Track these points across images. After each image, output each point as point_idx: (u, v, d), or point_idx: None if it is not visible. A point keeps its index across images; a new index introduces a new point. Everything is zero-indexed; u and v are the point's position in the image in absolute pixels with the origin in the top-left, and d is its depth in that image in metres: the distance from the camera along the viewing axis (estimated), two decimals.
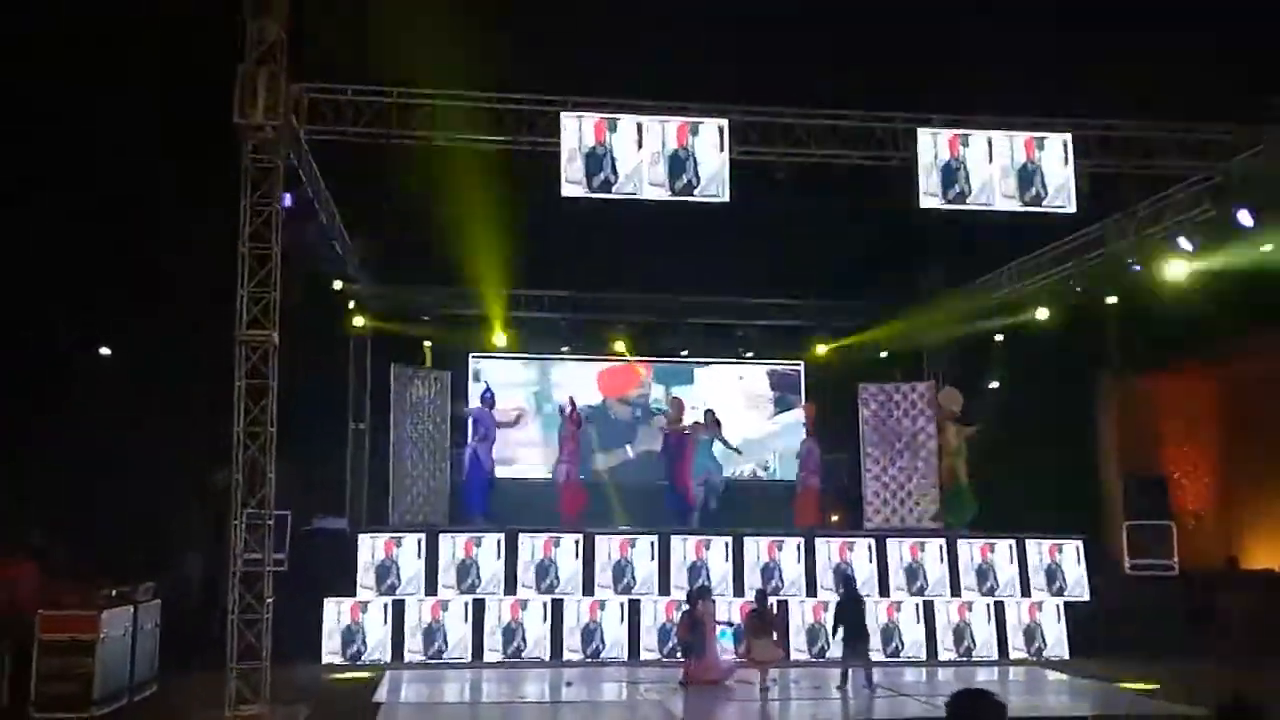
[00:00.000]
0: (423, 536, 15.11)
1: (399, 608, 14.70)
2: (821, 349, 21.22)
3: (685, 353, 21.03)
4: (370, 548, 14.88)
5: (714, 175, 11.42)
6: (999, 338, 19.34)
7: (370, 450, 18.79)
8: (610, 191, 11.28)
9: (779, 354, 21.55)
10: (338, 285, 16.91)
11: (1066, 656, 15.41)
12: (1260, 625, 15.56)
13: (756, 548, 15.47)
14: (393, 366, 18.41)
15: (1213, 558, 18.20)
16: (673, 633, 14.05)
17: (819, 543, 15.72)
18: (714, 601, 13.49)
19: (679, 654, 13.31)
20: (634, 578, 15.13)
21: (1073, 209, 11.83)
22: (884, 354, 21.16)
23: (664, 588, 15.10)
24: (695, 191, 11.36)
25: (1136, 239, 14.10)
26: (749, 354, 21.21)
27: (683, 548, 15.36)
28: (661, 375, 21.60)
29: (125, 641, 11.21)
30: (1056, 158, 11.67)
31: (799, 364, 21.83)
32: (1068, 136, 11.76)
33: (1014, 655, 15.41)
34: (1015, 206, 11.65)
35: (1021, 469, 18.44)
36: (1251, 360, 18.71)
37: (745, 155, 11.67)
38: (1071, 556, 15.94)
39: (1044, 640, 15.56)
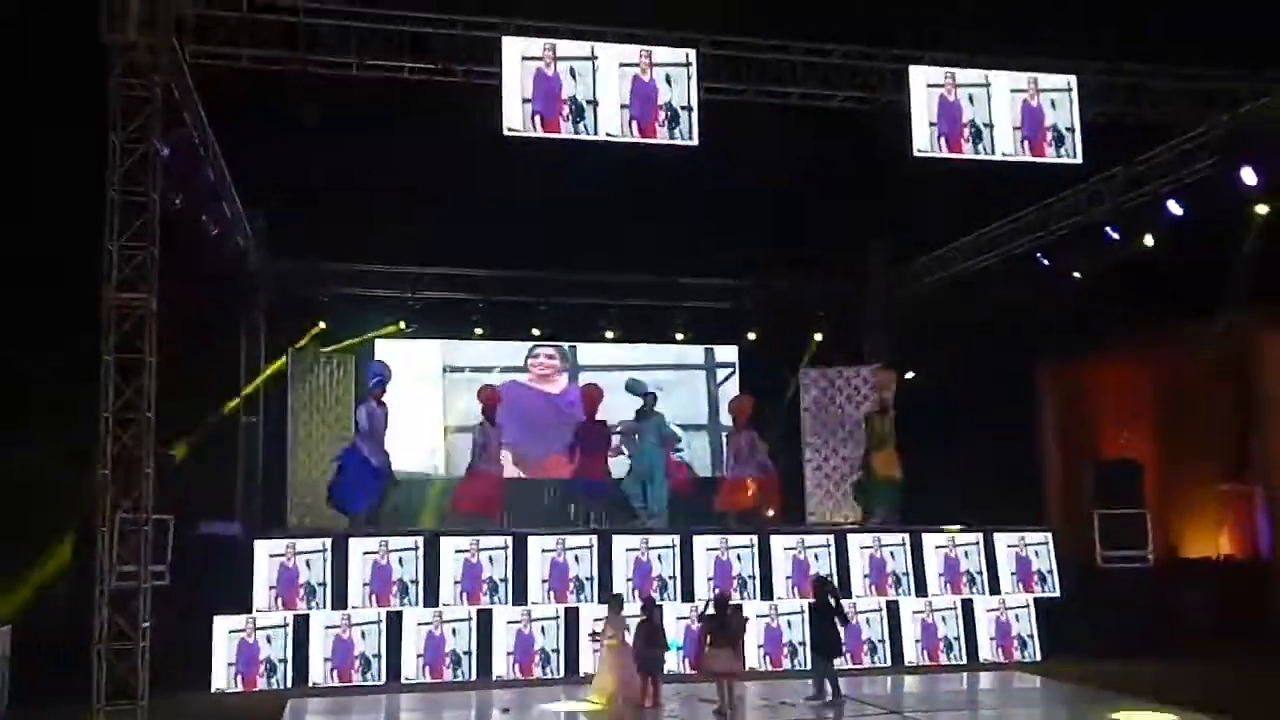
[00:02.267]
0: (328, 541, 13.14)
1: (302, 624, 12.73)
2: (751, 335, 19.78)
3: (610, 336, 19.38)
4: (268, 556, 12.85)
5: (680, 115, 9.79)
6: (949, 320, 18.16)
7: (264, 446, 16.72)
8: (560, 131, 9.55)
9: (712, 338, 20.10)
10: (224, 253, 14.80)
11: (1039, 658, 14.19)
12: (1220, 618, 14.73)
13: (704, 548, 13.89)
14: (290, 351, 16.43)
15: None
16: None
17: (774, 541, 14.18)
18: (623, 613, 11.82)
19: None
20: (576, 584, 13.41)
21: (1079, 159, 10.55)
22: (818, 337, 19.81)
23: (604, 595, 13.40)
24: (659, 134, 9.72)
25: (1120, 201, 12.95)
26: (680, 338, 19.65)
27: (625, 549, 13.68)
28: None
29: None
30: (1063, 102, 10.34)
31: (732, 348, 20.37)
32: (1073, 79, 10.45)
33: (984, 658, 14.14)
34: (1017, 156, 10.27)
35: (958, 458, 17.32)
36: (1189, 347, 17.98)
37: (713, 94, 10.05)
38: (1040, 549, 14.74)
39: (1018, 640, 14.31)
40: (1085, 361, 19.52)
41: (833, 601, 11.74)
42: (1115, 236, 13.60)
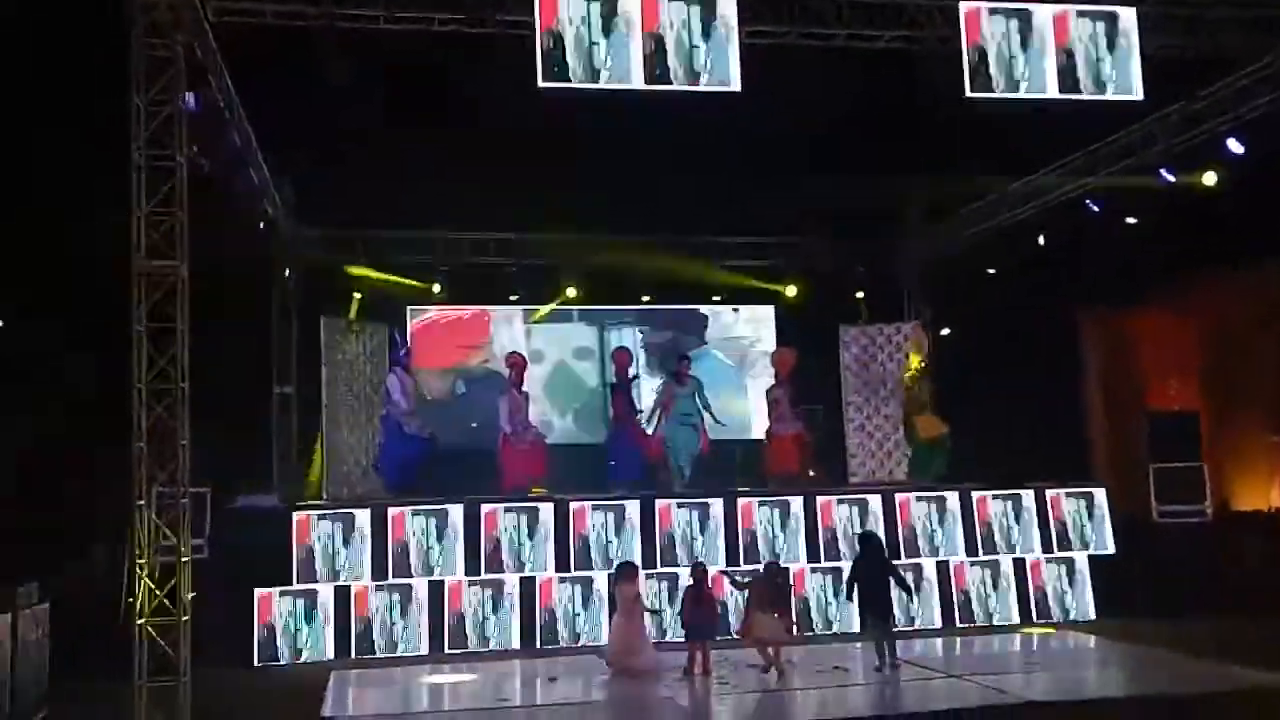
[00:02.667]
0: (367, 512, 12.92)
1: (344, 596, 12.55)
2: (792, 290, 19.32)
3: (647, 299, 19.04)
4: (307, 528, 12.65)
5: (720, 61, 9.38)
6: (991, 271, 17.69)
7: (299, 416, 16.53)
8: (598, 81, 9.16)
9: (745, 297, 19.69)
10: (259, 223, 14.54)
11: (1093, 617, 13.84)
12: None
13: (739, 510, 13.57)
14: (322, 320, 16.20)
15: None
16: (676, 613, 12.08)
17: (820, 502, 13.84)
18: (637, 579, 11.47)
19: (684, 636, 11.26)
20: (615, 552, 13.14)
21: (1139, 96, 10.04)
22: (860, 294, 19.35)
23: (649, 560, 13.15)
24: (701, 81, 9.31)
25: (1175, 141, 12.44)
26: (717, 298, 19.27)
27: (664, 514, 13.38)
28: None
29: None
30: (1123, 36, 9.84)
31: (769, 308, 19.95)
32: (1132, 11, 9.94)
33: (1036, 617, 13.80)
34: (1075, 94, 9.79)
35: (1001, 413, 16.90)
36: (1240, 293, 17.42)
37: (755, 38, 9.63)
38: (1094, 505, 14.33)
39: (1071, 600, 13.95)
40: (1131, 311, 19.05)
41: (881, 559, 11.38)
42: (1170, 179, 13.07)
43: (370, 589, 12.59)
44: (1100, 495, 14.39)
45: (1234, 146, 12.02)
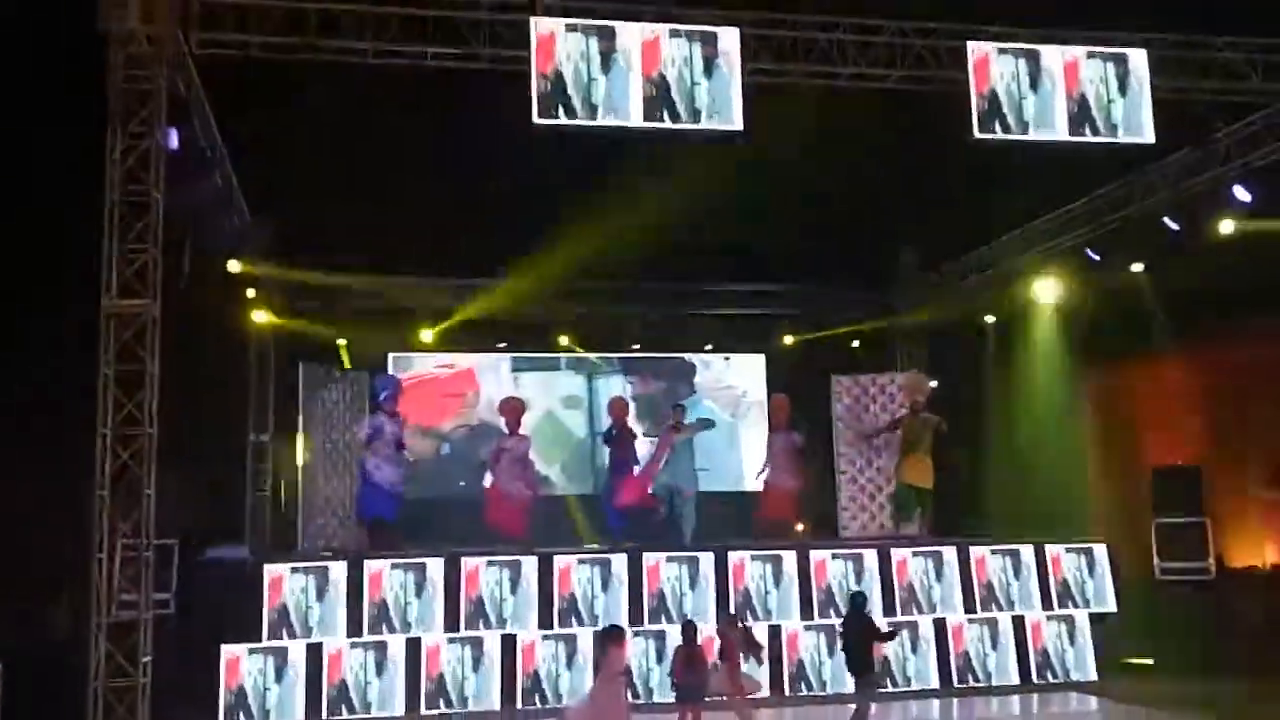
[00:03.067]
0: (343, 565, 12.35)
1: (316, 654, 11.95)
2: (788, 339, 19.02)
3: (636, 347, 18.66)
4: (280, 582, 12.07)
5: (722, 100, 9.06)
6: (990, 319, 17.41)
7: (274, 467, 15.99)
8: (596, 118, 8.80)
9: (738, 346, 19.36)
10: (234, 266, 14.08)
11: (1093, 677, 13.37)
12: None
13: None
14: (301, 367, 15.68)
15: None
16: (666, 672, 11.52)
17: (814, 558, 13.36)
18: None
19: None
20: (600, 609, 12.61)
21: (1150, 139, 9.78)
22: (855, 344, 19.05)
23: (636, 618, 12.63)
24: (702, 120, 8.97)
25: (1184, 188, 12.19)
26: (708, 346, 18.93)
27: (652, 571, 12.87)
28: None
29: None
30: (1133, 78, 9.59)
31: (759, 357, 19.63)
32: (1143, 53, 9.70)
33: (1038, 679, 13.31)
34: (1084, 137, 9.51)
35: (992, 466, 16.56)
36: (1235, 348, 17.14)
37: (755, 76, 9.32)
38: (1094, 562, 13.91)
39: (1072, 660, 13.48)
40: (1132, 363, 18.71)
41: (865, 618, 10.88)
42: (1175, 227, 12.81)
43: (345, 647, 12.01)
44: (1100, 551, 13.96)
45: (1240, 194, 11.76)
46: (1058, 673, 13.36)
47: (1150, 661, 13.48)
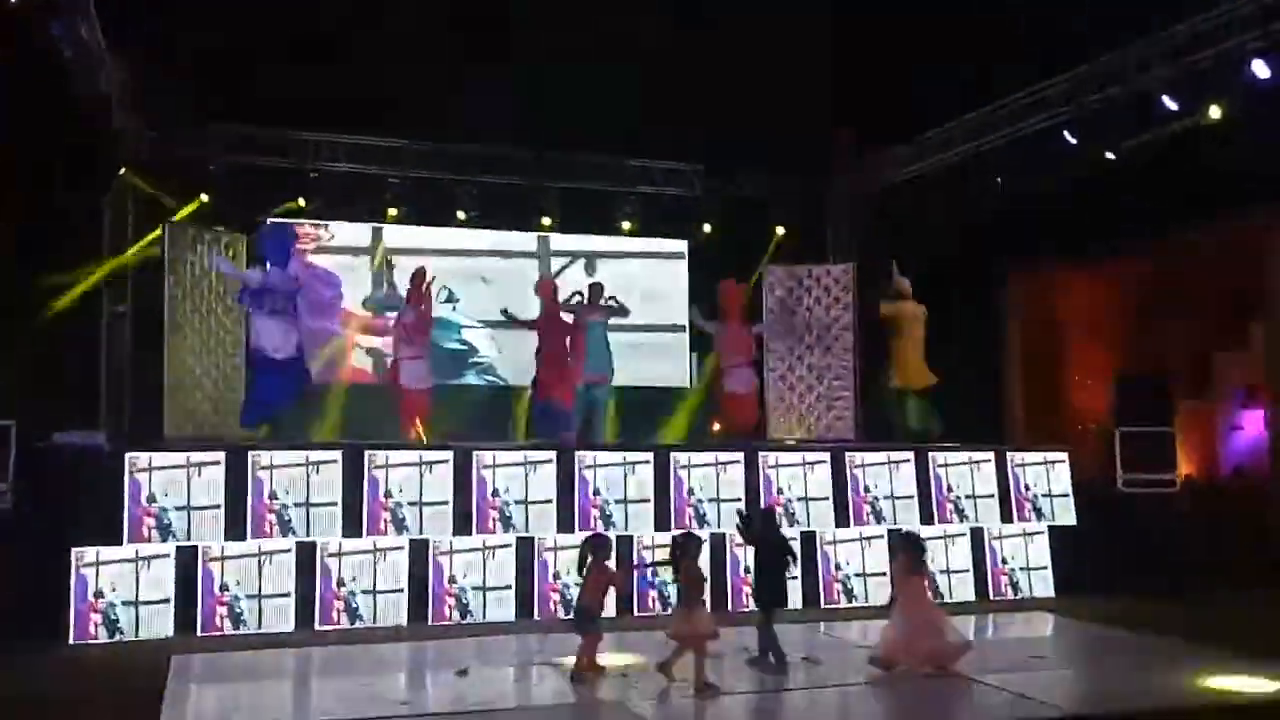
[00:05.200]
0: (221, 455, 10.42)
1: (187, 558, 10.07)
2: (706, 227, 17.44)
3: (547, 221, 16.80)
4: (142, 473, 10.08)
5: None
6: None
7: (134, 340, 13.76)
8: None
9: (659, 229, 17.68)
10: (89, 110, 11.69)
11: (1052, 594, 12.43)
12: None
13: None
14: (166, 225, 13.42)
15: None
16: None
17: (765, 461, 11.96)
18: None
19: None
20: (524, 512, 11.01)
21: None
22: (781, 229, 17.57)
23: (566, 523, 11.08)
24: None
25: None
26: (627, 227, 17.18)
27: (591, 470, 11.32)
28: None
29: None
30: None
31: (682, 243, 18.01)
32: None
33: (994, 596, 12.30)
34: None
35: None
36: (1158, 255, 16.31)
37: None
38: (1056, 473, 12.89)
39: (1033, 574, 12.51)
40: (1061, 268, 17.80)
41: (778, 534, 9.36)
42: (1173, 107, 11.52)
43: (222, 552, 10.14)
44: (1062, 461, 12.94)
45: (1260, 70, 10.47)
46: (1013, 589, 12.40)
47: None
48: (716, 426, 14.13)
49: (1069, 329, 18.60)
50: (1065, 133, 13.03)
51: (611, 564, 8.95)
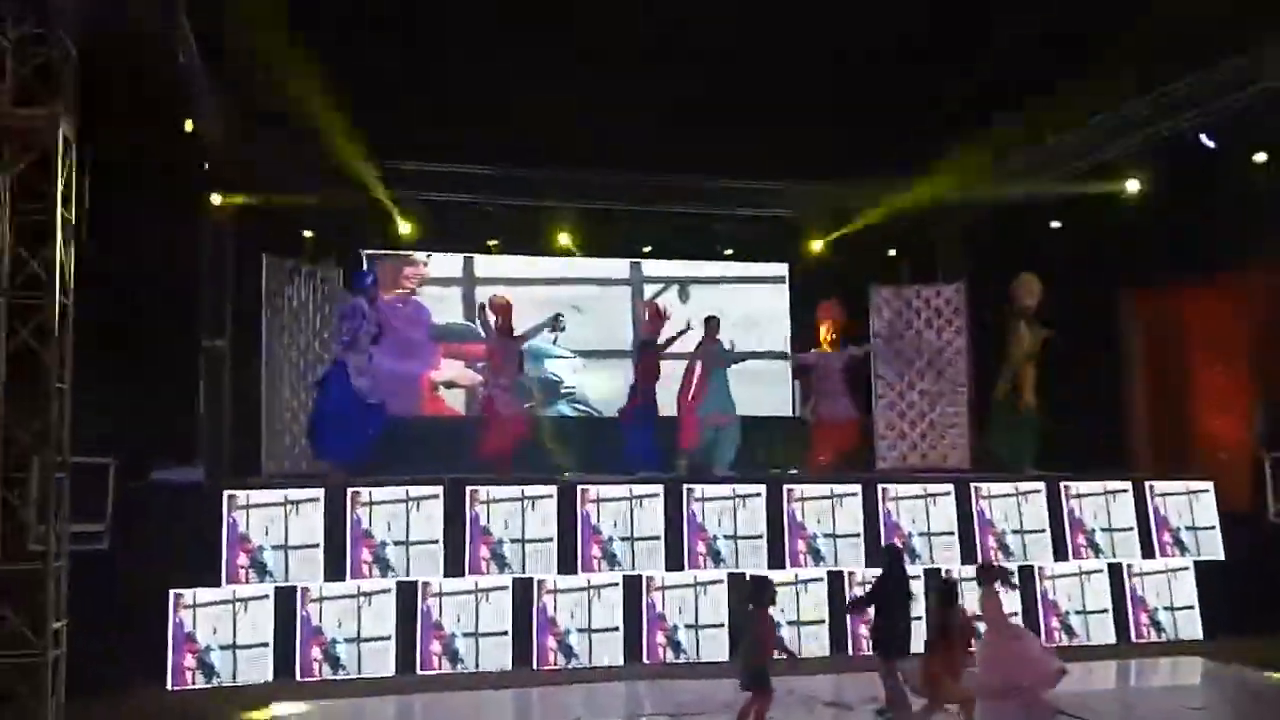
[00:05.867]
0: (320, 494, 10.07)
1: (287, 601, 9.72)
2: (816, 244, 16.71)
3: (648, 250, 16.31)
4: (240, 510, 9.78)
5: None
6: (1056, 225, 15.14)
7: (232, 374, 13.55)
8: None
9: (759, 253, 17.02)
10: (189, 126, 11.48)
11: (1200, 636, 11.47)
12: None
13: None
14: (265, 258, 13.21)
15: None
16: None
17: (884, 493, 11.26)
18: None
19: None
20: (633, 548, 10.46)
21: None
22: (893, 252, 16.80)
23: (675, 561, 10.51)
24: None
25: None
26: (728, 251, 16.59)
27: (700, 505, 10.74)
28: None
29: None
30: None
31: (783, 266, 17.35)
32: None
33: (1136, 637, 11.39)
34: None
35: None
36: None
37: None
38: (1200, 504, 11.95)
39: (1172, 617, 11.57)
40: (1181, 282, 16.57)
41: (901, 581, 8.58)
42: None
43: (320, 593, 9.77)
44: (1206, 491, 12.00)
45: None
46: (1157, 631, 11.49)
47: None
48: (820, 458, 13.36)
49: (1196, 348, 17.42)
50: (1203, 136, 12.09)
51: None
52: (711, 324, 12.98)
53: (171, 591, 9.38)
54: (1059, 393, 13.31)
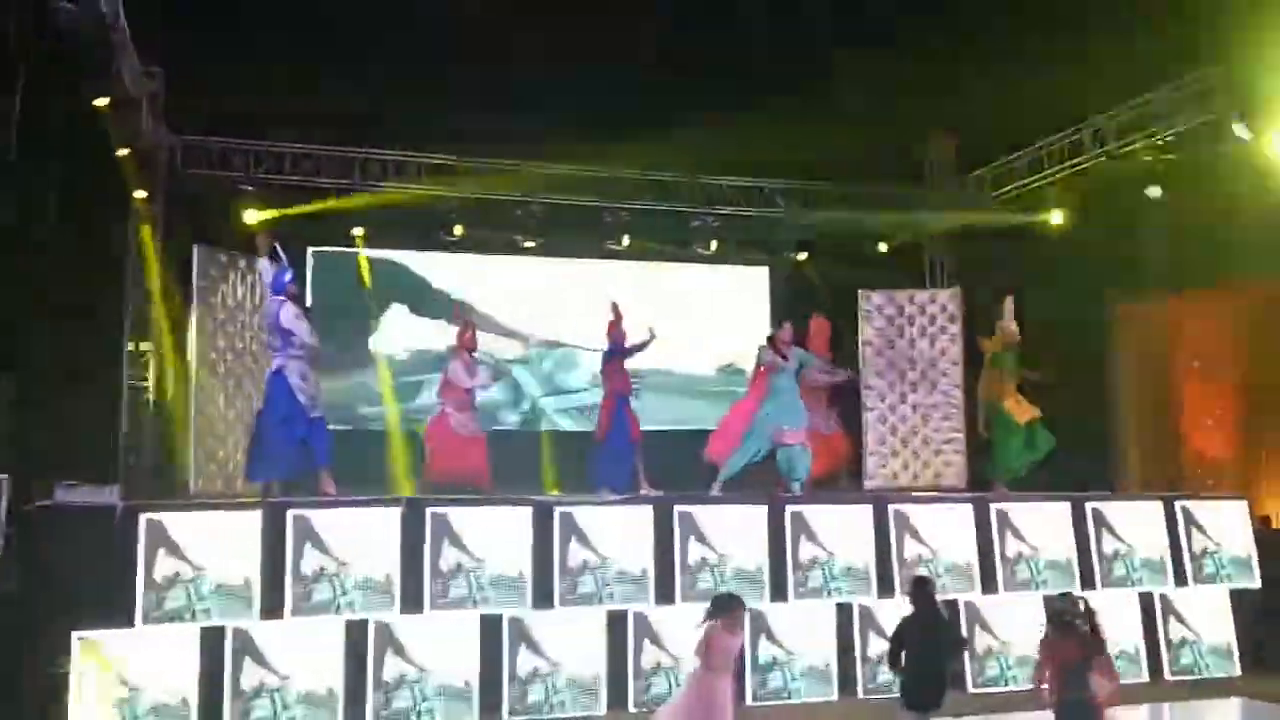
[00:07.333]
0: (257, 516, 8.64)
1: (215, 641, 8.26)
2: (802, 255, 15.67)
3: (616, 248, 15.06)
4: (162, 537, 8.29)
5: None
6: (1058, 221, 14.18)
7: (156, 382, 12.11)
8: None
9: (739, 253, 15.88)
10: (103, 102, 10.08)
11: (1237, 672, 10.41)
12: None
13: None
14: (196, 250, 11.84)
15: None
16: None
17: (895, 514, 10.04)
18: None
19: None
20: (611, 578, 9.16)
21: None
22: (883, 247, 15.70)
23: (665, 593, 9.22)
24: None
25: None
26: (707, 251, 15.38)
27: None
28: None
29: None
30: None
31: (763, 268, 16.22)
32: None
33: (1167, 674, 10.29)
34: None
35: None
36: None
37: None
38: (1232, 524, 10.90)
39: (1216, 649, 10.48)
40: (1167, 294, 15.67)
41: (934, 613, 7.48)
42: None
43: (255, 630, 8.34)
44: (1237, 510, 10.97)
45: None
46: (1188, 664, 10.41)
47: None
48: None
49: (1188, 365, 16.54)
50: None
51: None
52: (782, 328, 11.38)
53: (75, 634, 7.87)
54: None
